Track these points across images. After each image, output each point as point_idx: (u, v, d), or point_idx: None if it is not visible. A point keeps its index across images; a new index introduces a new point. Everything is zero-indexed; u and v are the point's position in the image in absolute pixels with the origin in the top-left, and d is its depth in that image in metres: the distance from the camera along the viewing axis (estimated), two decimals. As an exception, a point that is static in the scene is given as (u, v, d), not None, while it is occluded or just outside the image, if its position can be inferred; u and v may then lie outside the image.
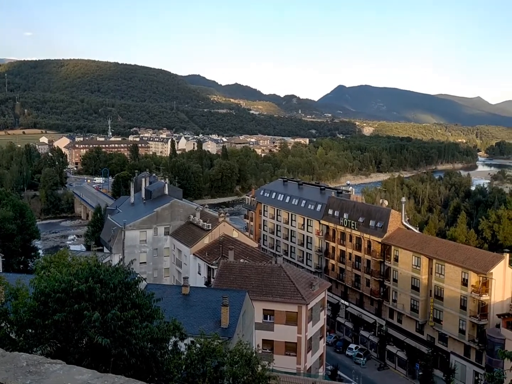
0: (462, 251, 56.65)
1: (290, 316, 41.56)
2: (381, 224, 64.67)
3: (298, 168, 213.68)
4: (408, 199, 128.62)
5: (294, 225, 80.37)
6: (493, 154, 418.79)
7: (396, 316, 62.16)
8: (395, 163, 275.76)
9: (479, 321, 51.71)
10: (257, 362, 22.81)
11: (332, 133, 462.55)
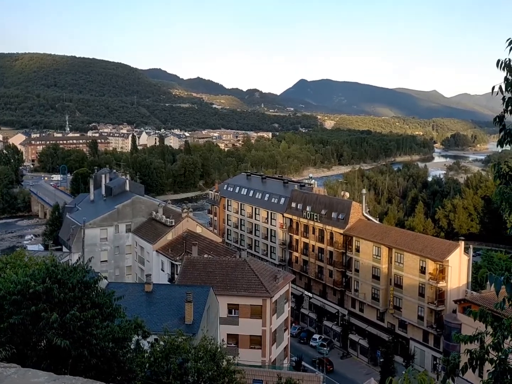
0: (420, 240, 58.63)
1: (254, 310, 41.95)
2: (342, 216, 65.98)
3: (261, 162, 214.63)
4: (369, 191, 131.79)
5: (258, 219, 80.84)
6: (448, 145, 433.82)
7: (358, 305, 63.80)
8: (355, 156, 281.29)
9: (437, 307, 53.80)
10: (222, 357, 22.96)
11: (294, 127, 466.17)
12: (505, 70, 7.99)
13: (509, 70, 7.91)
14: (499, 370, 8.70)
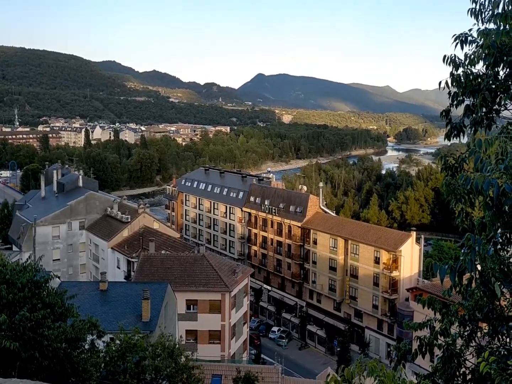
0: (374, 231, 60.34)
1: (213, 305, 41.86)
2: (300, 209, 66.85)
3: (219, 157, 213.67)
4: (325, 184, 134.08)
5: (216, 214, 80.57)
6: (401, 139, 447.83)
7: (316, 297, 65.00)
8: (313, 150, 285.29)
9: (390, 296, 55.62)
10: (180, 354, 22.81)
11: (252, 121, 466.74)
12: (451, 66, 8.25)
13: (454, 66, 8.18)
14: (446, 355, 9.05)
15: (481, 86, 7.75)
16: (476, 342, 9.57)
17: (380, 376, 6.09)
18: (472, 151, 6.09)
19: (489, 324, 9.22)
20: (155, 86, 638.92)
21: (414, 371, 10.24)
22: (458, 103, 8.65)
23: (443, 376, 8.90)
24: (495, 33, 6.97)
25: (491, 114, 7.91)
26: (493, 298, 6.18)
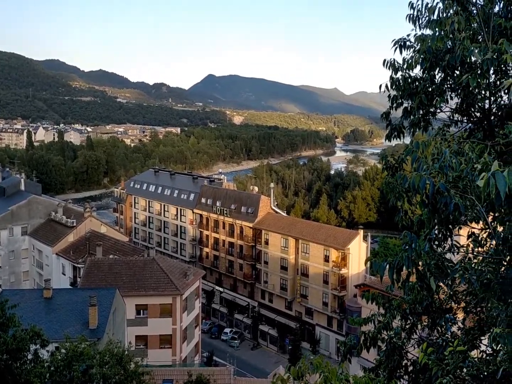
0: (324, 230, 61.67)
1: (164, 308, 41.21)
2: (252, 210, 67.19)
3: (170, 158, 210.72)
4: (277, 185, 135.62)
5: (167, 216, 79.39)
6: (348, 140, 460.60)
7: (268, 296, 65.53)
8: (264, 151, 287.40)
9: (339, 293, 57.04)
10: (129, 360, 22.37)
11: (203, 122, 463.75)
12: (390, 69, 8.56)
13: (394, 69, 8.48)
14: (389, 348, 9.36)
15: (418, 89, 8.10)
16: (417, 335, 9.98)
17: (325, 372, 6.21)
18: (409, 151, 6.35)
19: (429, 317, 9.64)
20: (101, 86, 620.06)
21: (362, 365, 10.47)
22: (398, 106, 8.99)
23: (387, 369, 9.20)
24: (431, 38, 7.30)
25: (428, 116, 8.29)
26: (429, 292, 6.46)
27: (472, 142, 7.33)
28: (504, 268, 5.28)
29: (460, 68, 7.30)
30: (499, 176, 4.04)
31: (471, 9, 7.85)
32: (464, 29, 6.96)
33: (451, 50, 6.92)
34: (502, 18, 7.94)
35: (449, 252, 7.16)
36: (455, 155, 5.86)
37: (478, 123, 8.62)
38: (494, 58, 6.37)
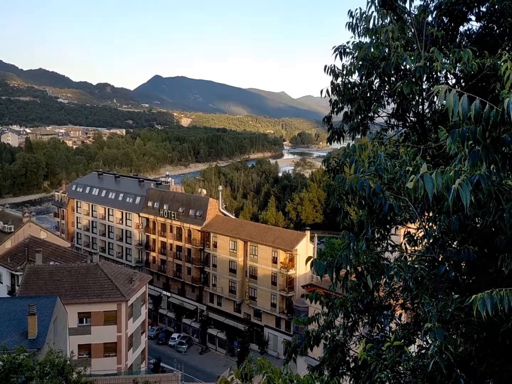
0: (272, 232, 62.29)
1: (108, 316, 39.99)
2: (200, 213, 66.73)
3: (114, 160, 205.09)
4: (225, 187, 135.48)
5: (111, 220, 77.17)
6: (296, 143, 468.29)
7: (216, 300, 65.26)
8: (212, 153, 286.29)
9: (287, 293, 57.79)
10: (71, 370, 21.64)
11: (150, 123, 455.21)
12: (331, 75, 8.80)
13: (334, 75, 8.73)
14: (332, 346, 9.59)
15: (357, 95, 8.38)
16: (359, 332, 10.30)
17: (268, 373, 6.27)
18: (347, 154, 6.55)
19: (369, 314, 9.97)
20: (41, 85, 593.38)
21: (310, 364, 10.65)
22: (338, 110, 9.26)
23: (330, 366, 9.42)
24: (367, 46, 7.59)
25: (366, 121, 8.60)
26: (367, 289, 6.69)
27: (407, 146, 7.69)
28: (435, 265, 5.56)
29: (395, 75, 7.65)
30: (427, 178, 4.25)
31: (405, 18, 8.25)
32: (398, 37, 7.29)
33: (386, 57, 7.22)
34: (435, 27, 8.40)
35: (387, 251, 7.47)
36: (390, 158, 6.12)
37: (413, 128, 9.04)
38: (426, 66, 6.71)
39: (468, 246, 5.15)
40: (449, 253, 5.19)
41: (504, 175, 4.46)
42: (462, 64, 6.54)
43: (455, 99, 4.13)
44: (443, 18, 8.34)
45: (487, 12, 7.75)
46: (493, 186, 4.38)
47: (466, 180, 4.18)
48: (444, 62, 6.93)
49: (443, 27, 8.15)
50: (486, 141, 4.24)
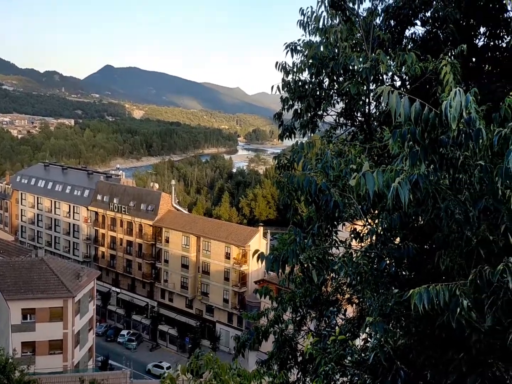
0: (225, 227, 62.34)
1: (54, 312, 38.64)
2: (152, 207, 65.75)
3: (62, 152, 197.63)
4: (178, 182, 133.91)
5: (58, 213, 74.51)
6: (250, 139, 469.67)
7: (168, 296, 64.57)
8: (165, 147, 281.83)
9: (240, 289, 58.07)
10: (13, 368, 20.85)
11: (100, 114, 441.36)
12: (282, 72, 8.86)
13: (285, 72, 8.79)
14: (280, 341, 9.72)
15: (307, 93, 8.50)
16: (307, 326, 10.50)
17: (215, 369, 6.27)
18: (295, 151, 6.64)
19: (317, 309, 10.18)
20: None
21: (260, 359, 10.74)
22: (289, 107, 9.36)
23: (278, 360, 9.55)
24: (317, 45, 7.70)
25: (315, 119, 8.74)
26: (312, 284, 6.82)
27: (354, 145, 7.90)
28: (377, 261, 5.75)
29: (343, 74, 7.81)
30: (369, 176, 4.38)
31: (354, 20, 8.43)
32: (347, 38, 7.45)
33: (335, 57, 7.36)
34: (382, 30, 8.65)
35: (335, 247, 7.64)
36: (336, 156, 6.26)
37: (360, 127, 9.28)
38: (372, 67, 6.90)
39: (408, 243, 5.36)
40: (390, 249, 5.38)
41: (441, 175, 4.66)
42: (406, 67, 6.77)
43: (397, 101, 4.26)
44: (390, 22, 8.60)
45: (431, 18, 8.06)
46: (430, 185, 4.58)
47: (405, 179, 4.34)
48: (390, 65, 7.15)
49: (390, 30, 8.41)
50: (425, 142, 4.41)
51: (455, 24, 7.53)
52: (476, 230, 4.52)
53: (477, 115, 4.38)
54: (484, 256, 4.59)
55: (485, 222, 4.51)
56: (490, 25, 8.06)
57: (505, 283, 4.16)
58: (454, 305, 4.20)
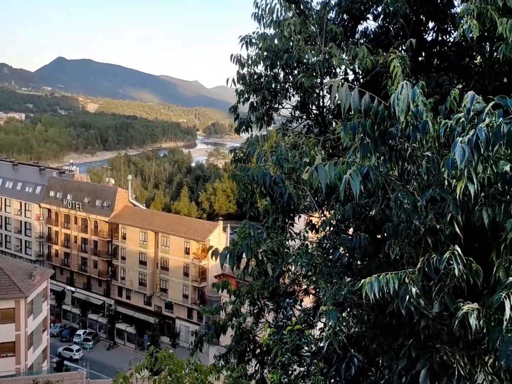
0: (185, 222, 61.80)
1: (6, 314, 37.06)
2: (108, 203, 64.35)
3: (12, 147, 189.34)
4: (135, 177, 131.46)
5: (8, 211, 71.42)
6: (209, 133, 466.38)
7: (125, 293, 63.46)
8: (122, 141, 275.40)
9: (200, 284, 57.82)
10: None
11: (52, 108, 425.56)
12: (237, 64, 8.80)
13: (240, 65, 8.74)
14: (238, 334, 9.73)
15: (262, 86, 8.49)
16: (265, 319, 10.55)
17: (169, 365, 6.18)
18: (249, 144, 6.62)
19: (274, 301, 10.26)
20: None
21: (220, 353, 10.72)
22: (245, 100, 9.32)
23: (236, 354, 9.56)
24: (271, 38, 7.70)
25: (271, 112, 8.75)
26: (266, 276, 6.86)
27: (309, 137, 7.97)
28: (331, 251, 5.84)
29: (297, 67, 7.85)
30: (321, 169, 4.42)
31: (308, 13, 8.48)
32: (300, 31, 7.48)
33: (289, 50, 7.38)
34: (335, 24, 8.74)
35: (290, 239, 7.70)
36: (291, 149, 6.29)
37: (316, 120, 9.38)
38: (325, 60, 6.97)
39: (360, 233, 5.46)
40: (343, 239, 5.47)
41: (391, 167, 4.77)
42: (358, 61, 6.88)
43: (347, 94, 4.31)
44: (343, 16, 8.72)
45: (382, 13, 8.23)
46: (380, 176, 4.67)
47: (356, 171, 4.40)
48: (342, 58, 7.24)
49: (343, 24, 8.52)
50: (375, 134, 4.49)
51: (405, 19, 7.72)
52: (424, 219, 4.65)
53: (424, 108, 4.50)
54: (432, 245, 4.74)
55: (432, 212, 4.65)
56: (438, 20, 8.31)
57: (451, 270, 4.31)
58: (404, 293, 4.32)
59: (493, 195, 4.30)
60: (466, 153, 3.77)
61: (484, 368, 4.70)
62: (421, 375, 4.52)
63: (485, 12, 5.86)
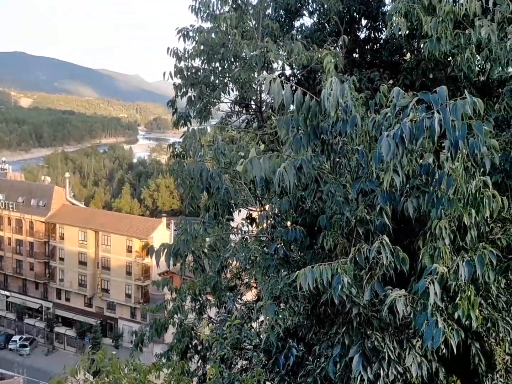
0: (127, 220, 60.35)
1: None
2: (44, 203, 61.79)
3: None
4: (74, 174, 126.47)
5: None
6: (151, 128, 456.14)
7: (64, 295, 61.15)
8: (58, 137, 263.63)
9: (143, 283, 56.70)
10: None
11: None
12: (174, 58, 8.65)
13: (177, 58, 8.60)
14: (180, 331, 9.64)
15: (199, 80, 8.41)
16: (207, 314, 10.52)
17: (106, 366, 6.01)
18: (186, 138, 6.54)
19: (216, 296, 10.24)
20: None
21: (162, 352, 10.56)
22: (183, 94, 9.20)
23: (178, 351, 9.47)
24: (207, 31, 7.63)
25: (209, 106, 8.70)
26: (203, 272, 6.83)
27: (247, 132, 8.00)
28: (268, 245, 5.90)
29: (235, 62, 7.85)
30: (255, 162, 4.45)
31: (245, 8, 8.48)
32: (237, 26, 7.47)
33: (225, 44, 7.35)
34: (272, 19, 8.82)
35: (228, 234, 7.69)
36: (228, 143, 6.28)
37: (255, 114, 9.43)
38: (261, 55, 7.01)
39: (296, 226, 5.55)
40: (280, 232, 5.54)
41: (323, 160, 4.88)
42: (293, 56, 6.97)
43: (279, 89, 4.35)
44: (280, 11, 8.81)
45: (317, 10, 8.39)
46: (313, 170, 4.77)
47: (290, 164, 4.47)
48: (279, 53, 7.32)
49: (280, 20, 8.60)
50: (307, 128, 4.58)
51: (338, 16, 7.91)
52: (355, 210, 4.81)
53: (353, 103, 4.64)
54: (363, 235, 4.91)
55: (362, 203, 4.82)
56: (371, 18, 8.60)
57: (381, 259, 4.49)
58: (336, 283, 4.44)
59: (418, 186, 4.52)
60: (391, 147, 3.92)
61: (412, 351, 4.94)
62: (353, 361, 4.68)
63: (412, 11, 6.13)
